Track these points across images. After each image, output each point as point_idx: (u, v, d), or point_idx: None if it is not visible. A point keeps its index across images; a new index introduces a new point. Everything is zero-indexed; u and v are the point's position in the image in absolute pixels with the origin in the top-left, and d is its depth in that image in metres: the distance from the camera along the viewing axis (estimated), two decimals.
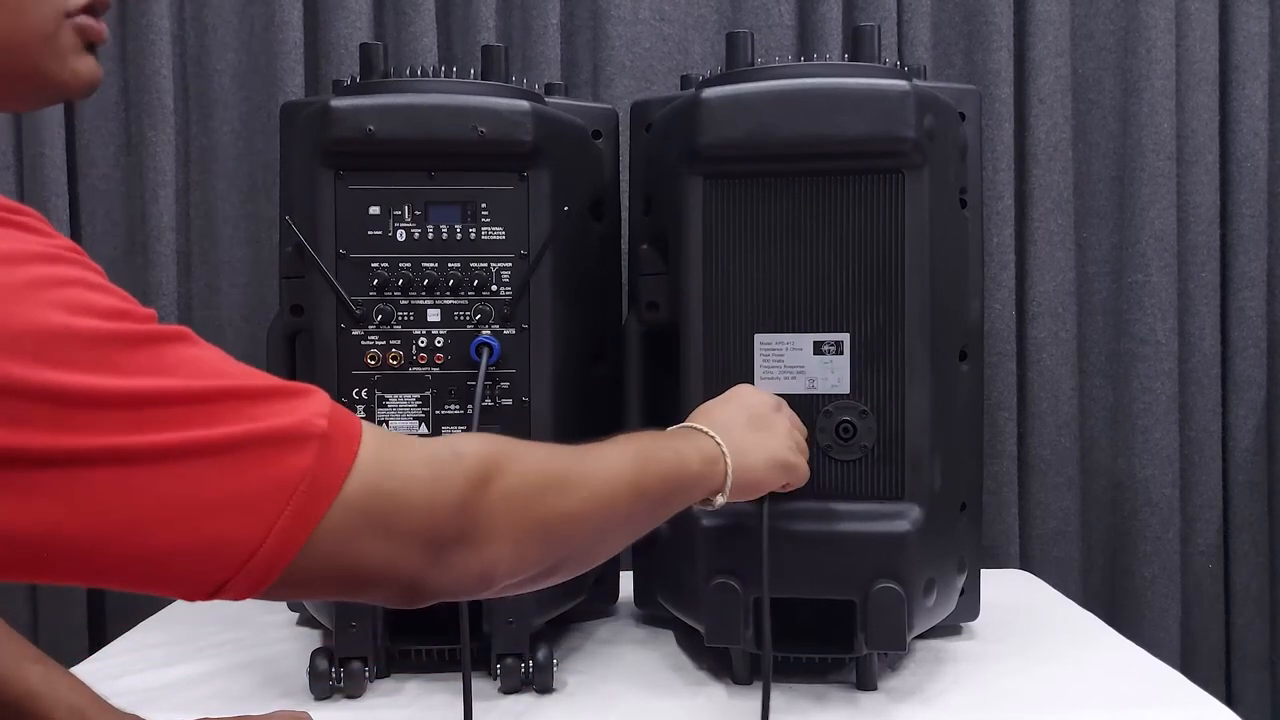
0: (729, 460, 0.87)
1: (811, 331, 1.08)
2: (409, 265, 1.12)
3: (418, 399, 1.12)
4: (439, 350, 1.12)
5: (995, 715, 1.06)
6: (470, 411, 1.09)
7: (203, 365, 0.56)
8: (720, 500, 0.88)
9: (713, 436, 0.88)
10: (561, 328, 1.15)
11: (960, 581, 1.18)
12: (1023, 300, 1.70)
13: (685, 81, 1.30)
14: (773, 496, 1.07)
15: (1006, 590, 1.44)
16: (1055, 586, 1.50)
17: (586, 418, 1.21)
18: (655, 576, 1.24)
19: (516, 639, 1.09)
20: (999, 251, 1.66)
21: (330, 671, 1.08)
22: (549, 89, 1.29)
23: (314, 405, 0.59)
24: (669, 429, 0.89)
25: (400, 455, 0.62)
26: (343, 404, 1.10)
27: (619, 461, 0.76)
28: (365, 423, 0.62)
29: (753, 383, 1.09)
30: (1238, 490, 1.75)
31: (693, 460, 0.84)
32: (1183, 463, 1.72)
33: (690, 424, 0.90)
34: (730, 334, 1.09)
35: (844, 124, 1.06)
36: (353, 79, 1.19)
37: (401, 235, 1.12)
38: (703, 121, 1.07)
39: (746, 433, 0.91)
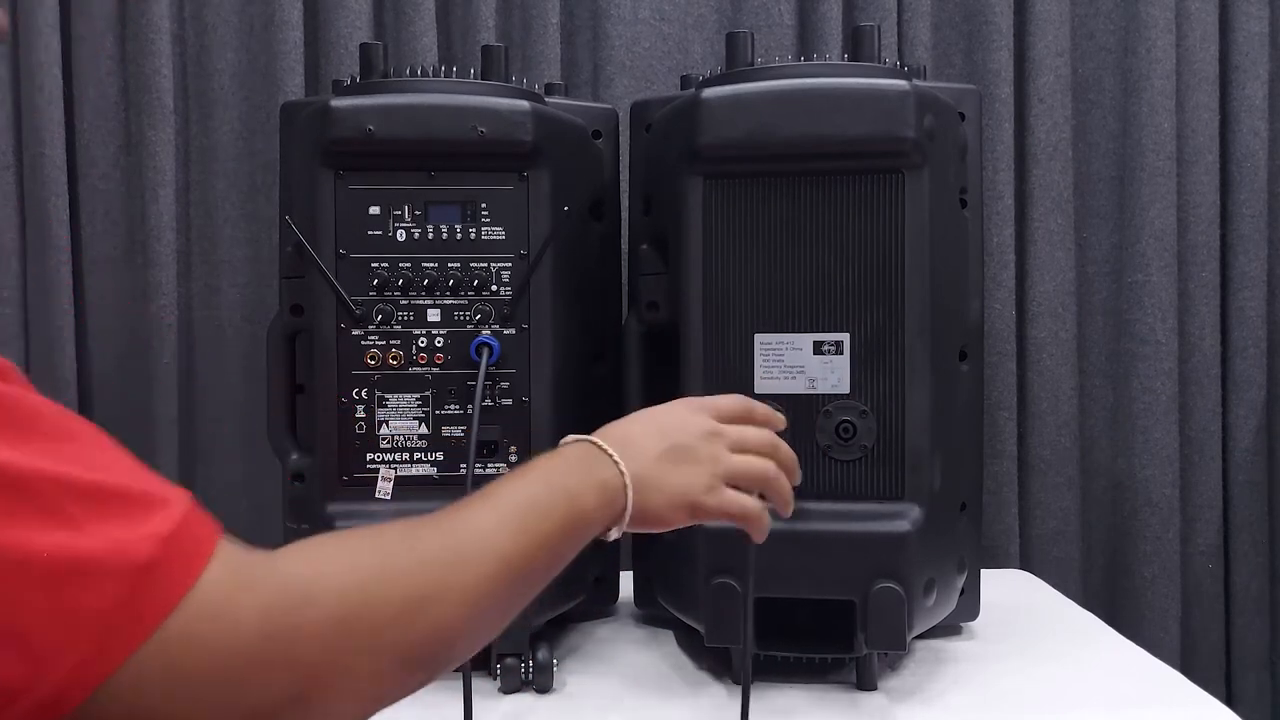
0: (630, 494, 0.76)
1: (811, 331, 1.08)
2: (409, 265, 1.12)
3: (418, 399, 1.12)
4: (439, 350, 1.12)
5: (995, 715, 1.06)
6: (470, 411, 1.09)
7: (63, 454, 0.49)
8: (614, 534, 0.78)
9: (617, 464, 0.76)
10: (561, 328, 1.15)
11: (960, 581, 1.18)
12: (1023, 300, 1.70)
13: (685, 81, 1.30)
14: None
15: (1006, 590, 1.44)
16: (1055, 586, 1.50)
17: (586, 418, 1.21)
18: (655, 576, 1.24)
19: (516, 639, 1.09)
20: (999, 251, 1.66)
21: None
22: (549, 89, 1.29)
23: (152, 522, 0.50)
24: (570, 447, 0.77)
25: (239, 600, 0.53)
26: (343, 404, 1.11)
27: (494, 539, 0.65)
28: (224, 545, 0.54)
29: (753, 382, 1.08)
30: (1238, 490, 1.75)
31: (587, 499, 0.73)
32: (1183, 463, 1.72)
33: (598, 441, 0.78)
34: (730, 334, 1.09)
35: (844, 124, 1.06)
36: (353, 79, 1.19)
37: (401, 235, 1.12)
38: (703, 121, 1.07)
39: (660, 463, 0.79)
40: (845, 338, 1.08)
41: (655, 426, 0.81)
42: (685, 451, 0.80)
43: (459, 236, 1.13)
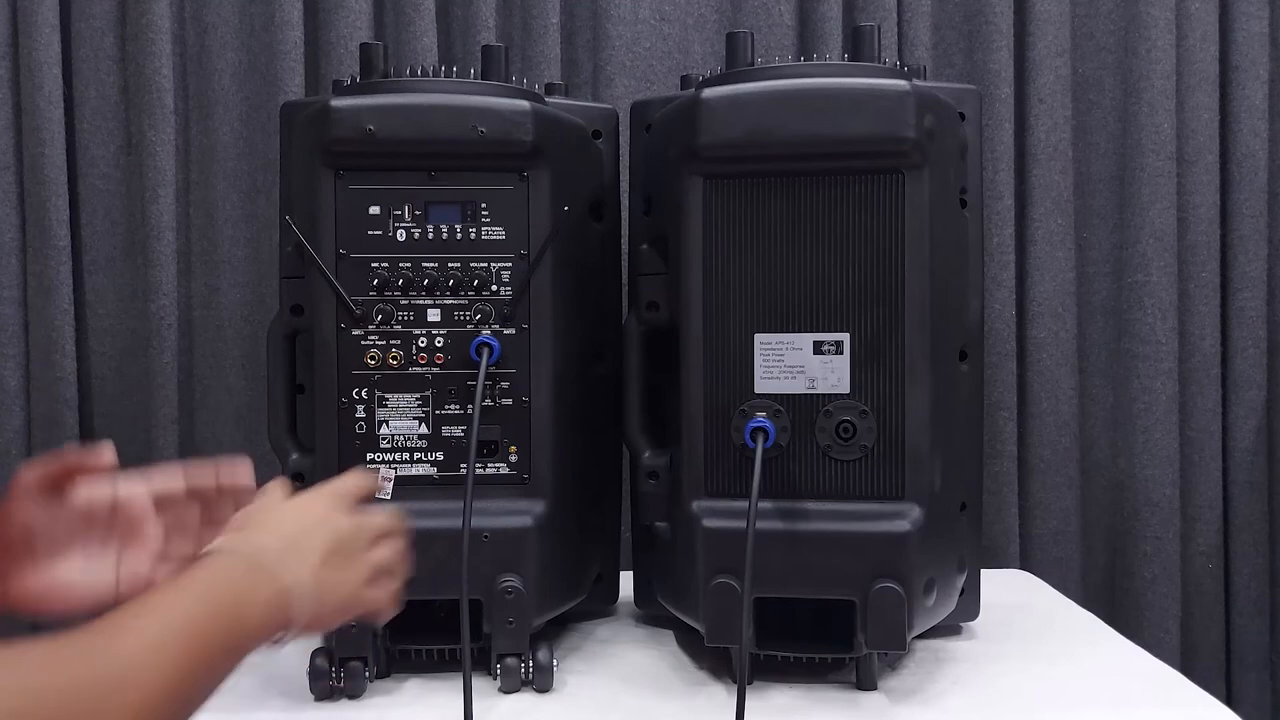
0: (298, 608, 0.72)
1: (811, 331, 1.08)
2: (409, 265, 1.12)
3: (418, 399, 1.12)
4: (439, 350, 1.12)
5: (995, 715, 1.06)
6: (470, 411, 1.09)
7: None
8: (286, 641, 0.74)
9: (283, 579, 0.72)
10: (561, 328, 1.15)
11: (960, 581, 1.18)
12: (1023, 300, 1.70)
13: (685, 81, 1.30)
14: (775, 496, 1.07)
15: (1006, 590, 1.44)
16: (1055, 586, 1.50)
17: (586, 418, 1.21)
18: (655, 576, 1.24)
19: (516, 639, 1.09)
20: (999, 251, 1.66)
21: (330, 671, 1.08)
22: (549, 89, 1.29)
23: None
24: (230, 559, 0.72)
25: None
26: (343, 404, 1.11)
27: (153, 663, 0.60)
28: None
29: (753, 382, 1.08)
30: (1238, 490, 1.75)
31: (254, 617, 0.69)
32: (1183, 463, 1.72)
33: (251, 555, 0.72)
34: (730, 334, 1.09)
35: (844, 124, 1.06)
36: (353, 79, 1.19)
37: (401, 235, 1.12)
38: (703, 121, 1.07)
39: (326, 569, 0.75)
40: (845, 338, 1.08)
41: (312, 525, 0.78)
42: (343, 551, 0.78)
43: (459, 236, 1.13)
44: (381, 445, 1.12)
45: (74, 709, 0.55)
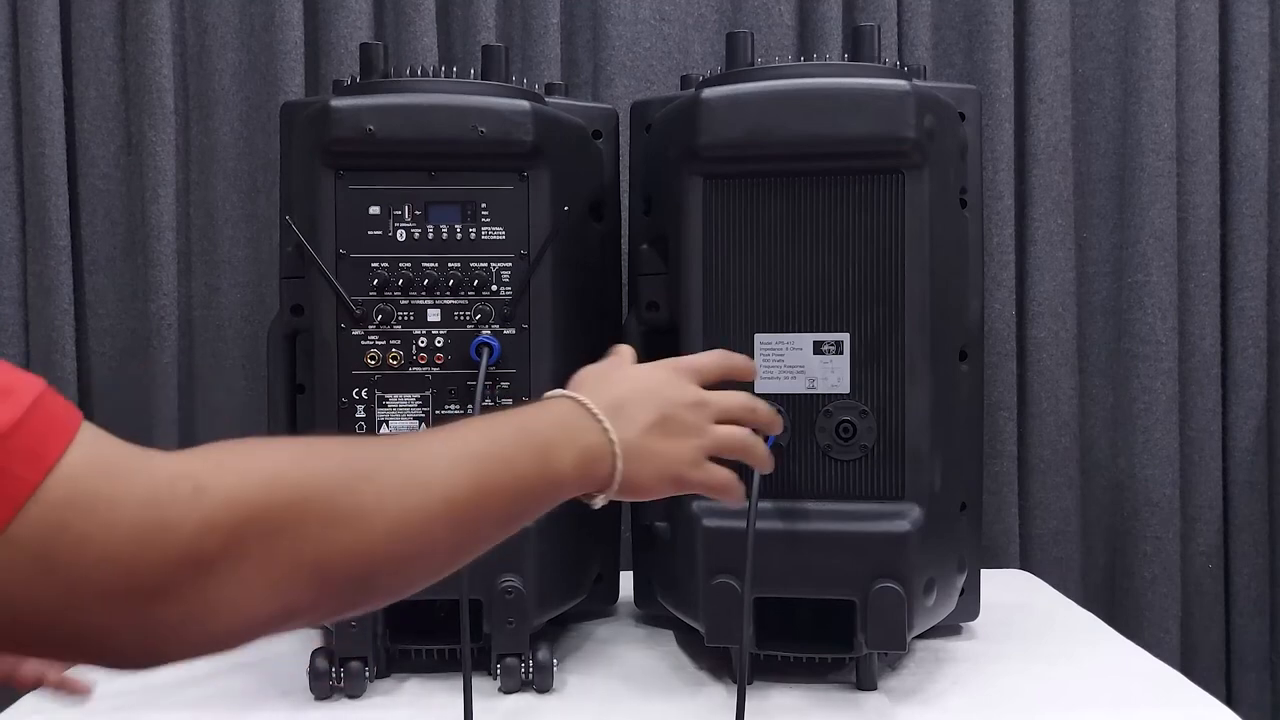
0: (619, 465, 0.72)
1: (811, 331, 1.08)
2: (409, 265, 1.12)
3: (418, 399, 1.12)
4: (439, 350, 1.12)
5: (995, 715, 1.06)
6: (470, 411, 1.09)
7: None
8: (600, 501, 0.75)
9: (608, 431, 0.72)
10: (561, 328, 1.15)
11: (960, 581, 1.18)
12: (1023, 300, 1.70)
13: (685, 81, 1.30)
14: (775, 496, 1.07)
15: (1006, 590, 1.44)
16: (1055, 586, 1.50)
17: None
18: (655, 576, 1.24)
19: (516, 639, 1.09)
20: (999, 251, 1.66)
21: (330, 671, 1.08)
22: (549, 89, 1.29)
23: (3, 405, 0.47)
24: (557, 402, 0.73)
25: (110, 490, 0.49)
26: (343, 405, 1.11)
27: (443, 476, 0.60)
28: (87, 429, 0.50)
29: (752, 382, 1.08)
30: (1238, 490, 1.75)
31: (564, 461, 0.68)
32: (1183, 463, 1.72)
33: (588, 403, 0.73)
34: (730, 334, 1.09)
35: (844, 124, 1.06)
36: (353, 79, 1.19)
37: (401, 235, 1.12)
38: (703, 121, 1.07)
39: (651, 435, 0.75)
40: (845, 338, 1.08)
41: (645, 392, 0.77)
42: (674, 423, 0.77)
43: (459, 236, 1.13)
44: None
45: (351, 495, 0.56)
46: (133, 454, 0.52)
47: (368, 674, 1.10)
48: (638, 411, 0.75)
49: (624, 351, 0.83)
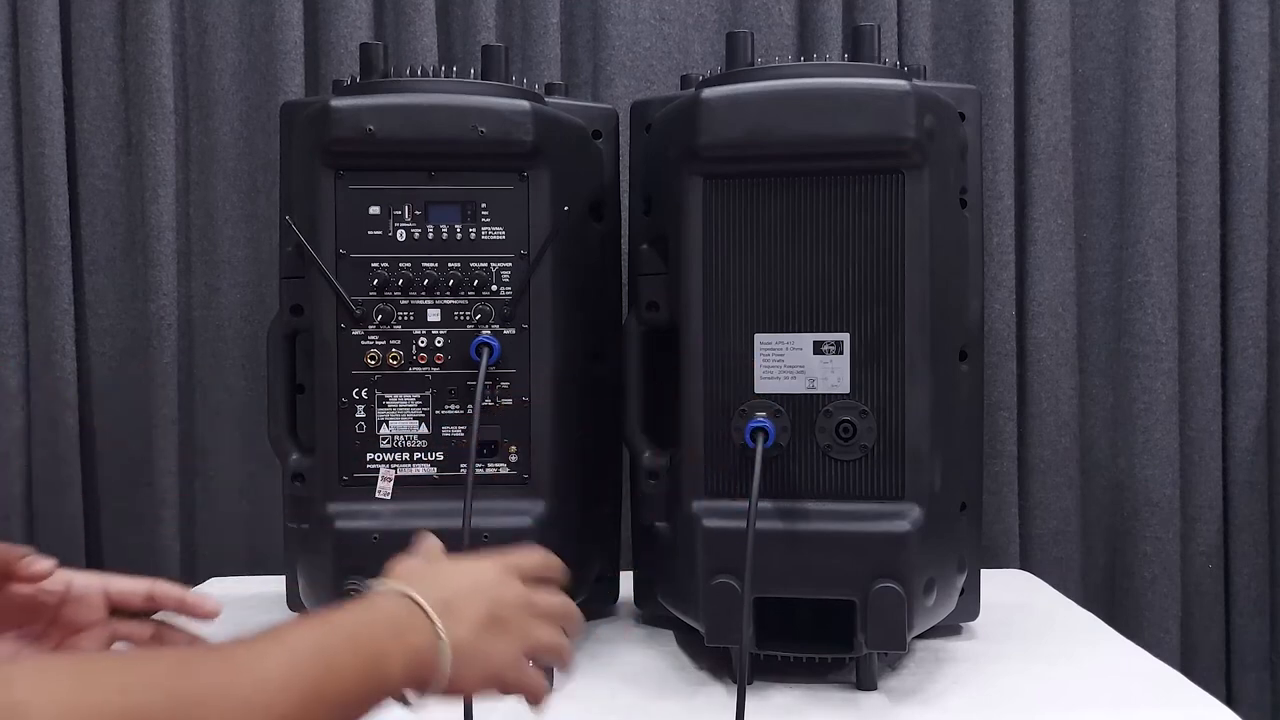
0: (448, 670, 0.68)
1: (811, 331, 1.08)
2: (409, 265, 1.12)
3: (418, 399, 1.12)
4: (439, 350, 1.12)
5: (995, 715, 1.06)
6: (470, 411, 1.09)
7: None
8: (413, 700, 0.70)
9: (438, 632, 0.68)
10: (561, 328, 1.15)
11: (960, 581, 1.18)
12: (1023, 300, 1.70)
13: (685, 81, 1.30)
14: (775, 496, 1.07)
15: (1006, 590, 1.44)
16: (1055, 586, 1.50)
17: (586, 418, 1.21)
18: (655, 576, 1.24)
19: None
20: (999, 251, 1.66)
21: None
22: (549, 89, 1.29)
23: None
24: (386, 600, 0.69)
25: None
26: (343, 405, 1.11)
27: (277, 694, 0.58)
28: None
29: (753, 382, 1.08)
30: (1238, 490, 1.75)
31: (395, 668, 0.65)
32: (1183, 463, 1.72)
33: (419, 600, 0.69)
34: (730, 334, 1.09)
35: (844, 124, 1.06)
36: (353, 79, 1.19)
37: (401, 235, 1.12)
38: (703, 121, 1.07)
39: (480, 634, 0.71)
40: (845, 338, 1.08)
41: (474, 589, 0.74)
42: (501, 623, 0.73)
43: (459, 236, 1.13)
44: (381, 445, 1.12)
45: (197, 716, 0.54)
46: None
47: None
48: (468, 609, 0.72)
49: (434, 544, 0.80)
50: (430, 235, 1.12)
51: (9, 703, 0.49)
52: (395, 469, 1.12)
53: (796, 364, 1.08)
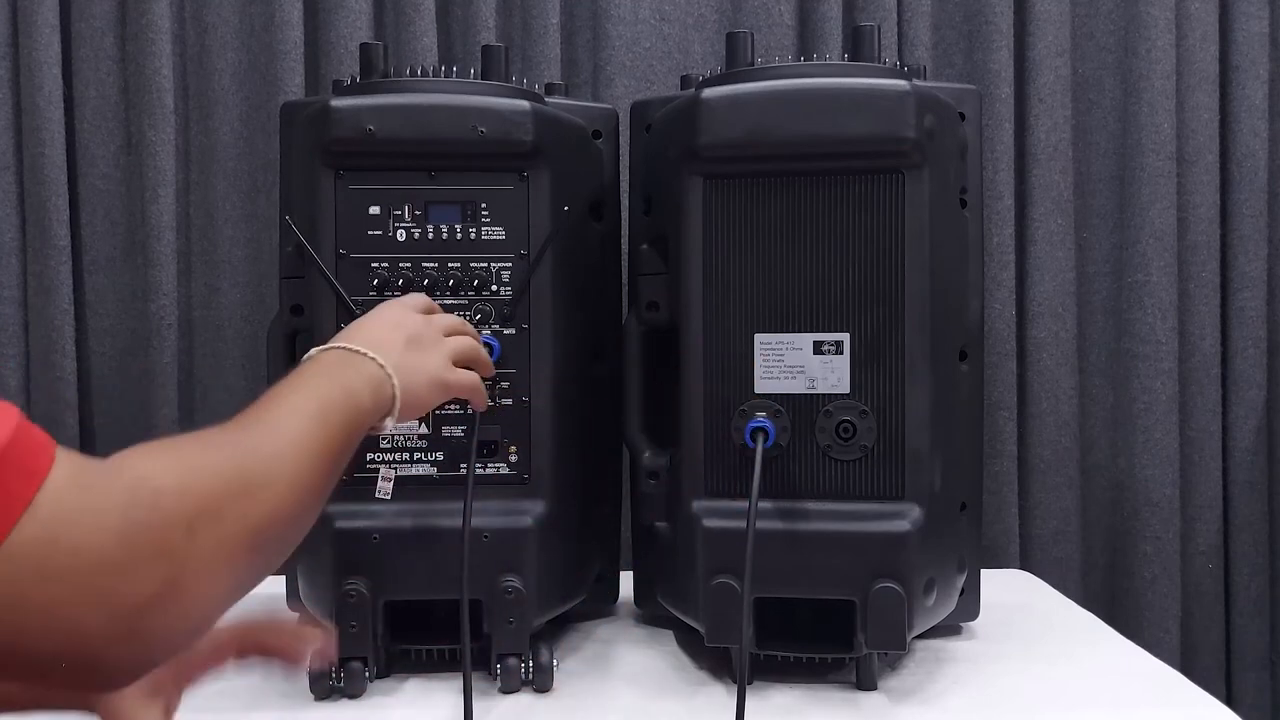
0: (396, 384, 0.84)
1: (811, 331, 1.08)
2: (409, 265, 1.12)
3: None
4: None
5: (995, 715, 1.06)
6: (470, 411, 1.09)
7: None
8: (389, 424, 0.85)
9: (377, 360, 0.84)
10: (561, 328, 1.15)
11: (960, 581, 1.18)
12: (1023, 300, 1.70)
13: (685, 81, 1.30)
14: (775, 496, 1.07)
15: (1006, 590, 1.44)
16: (1055, 586, 1.50)
17: (586, 417, 1.21)
18: (655, 576, 1.24)
19: (516, 639, 1.09)
20: (999, 251, 1.66)
21: (330, 671, 1.08)
22: (549, 89, 1.29)
23: None
24: (326, 351, 0.84)
25: (92, 502, 0.54)
26: None
27: (303, 430, 0.71)
28: (61, 452, 0.54)
29: (753, 382, 1.09)
30: (1238, 490, 1.75)
31: (363, 394, 0.81)
32: (1183, 463, 1.72)
33: (347, 345, 0.85)
34: (730, 334, 1.09)
35: (844, 124, 1.06)
36: (353, 79, 1.19)
37: (401, 235, 1.12)
38: (702, 121, 1.07)
39: (406, 353, 0.88)
40: (845, 338, 1.08)
41: (387, 324, 0.90)
42: (419, 340, 0.91)
43: (459, 236, 1.13)
44: (381, 445, 1.12)
45: (253, 469, 0.65)
46: (98, 467, 0.57)
47: (368, 674, 1.10)
48: (389, 338, 0.88)
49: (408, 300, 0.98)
50: (430, 235, 1.12)
51: (136, 475, 0.58)
52: (395, 469, 1.12)
53: (796, 364, 1.08)
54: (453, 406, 1.12)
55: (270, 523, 0.65)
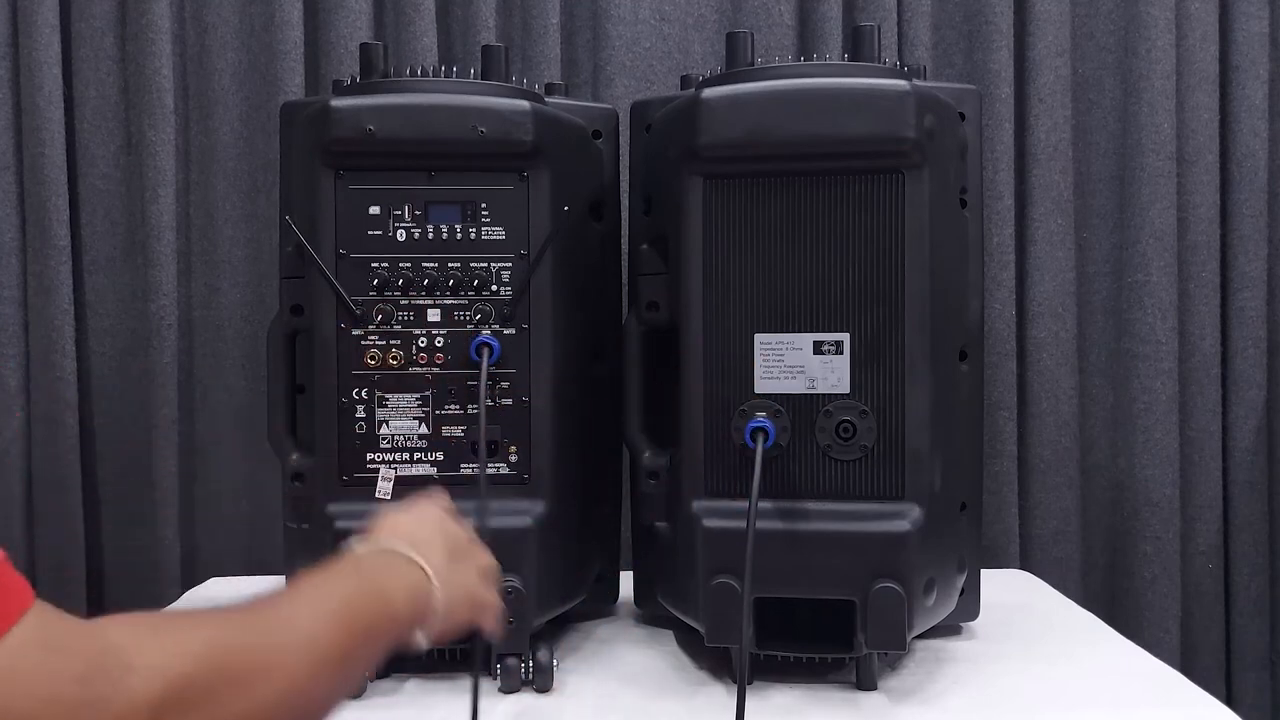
0: (438, 594, 0.77)
1: (811, 331, 1.08)
2: (409, 265, 1.12)
3: (418, 399, 1.12)
4: (439, 350, 1.12)
5: (995, 715, 1.06)
6: (470, 411, 1.09)
7: None
8: (420, 640, 0.77)
9: (421, 566, 0.77)
10: (561, 328, 1.15)
11: (960, 581, 1.18)
12: (1023, 300, 1.70)
13: (685, 81, 1.30)
14: (775, 496, 1.07)
15: (1006, 590, 1.44)
16: (1055, 586, 1.50)
17: (586, 418, 1.21)
18: (655, 576, 1.24)
19: (516, 639, 1.09)
20: (999, 251, 1.66)
21: None
22: (549, 89, 1.29)
23: None
24: (371, 551, 0.78)
25: (50, 666, 0.51)
26: (343, 404, 1.11)
27: (318, 629, 0.66)
28: (39, 607, 0.52)
29: (753, 382, 1.09)
30: (1238, 490, 1.75)
31: (400, 601, 0.74)
32: (1183, 463, 1.72)
33: (391, 546, 0.78)
34: (730, 334, 1.09)
35: (844, 124, 1.06)
36: (353, 79, 1.19)
37: (401, 235, 1.12)
38: (703, 121, 1.07)
39: (449, 563, 0.80)
40: (845, 338, 1.08)
41: (432, 527, 0.83)
42: (463, 550, 0.84)
43: (459, 236, 1.13)
44: (381, 445, 1.12)
45: (248, 659, 0.60)
46: (72, 629, 0.54)
47: (367, 674, 1.10)
48: (433, 545, 0.80)
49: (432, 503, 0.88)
50: (430, 235, 1.12)
51: (109, 644, 0.54)
52: (395, 469, 1.12)
53: (796, 364, 1.08)
54: (452, 406, 1.12)
55: (257, 716, 0.60)
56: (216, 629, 0.61)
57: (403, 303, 1.12)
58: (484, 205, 1.13)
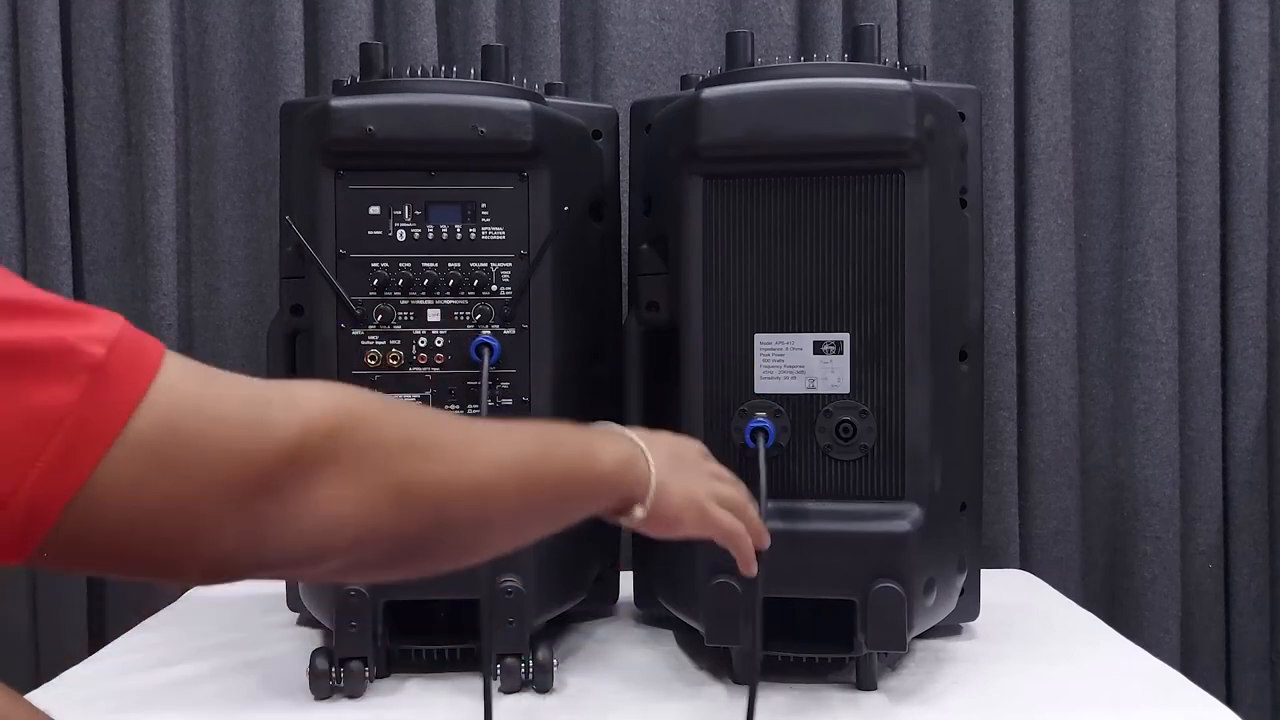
0: (654, 472, 0.77)
1: (811, 331, 1.08)
2: (409, 265, 1.12)
3: (418, 399, 1.12)
4: (439, 350, 1.12)
5: (995, 715, 1.06)
6: (470, 411, 1.09)
7: None
8: (639, 513, 0.77)
9: (634, 440, 0.78)
10: (561, 328, 1.15)
11: (960, 581, 1.18)
12: (1023, 300, 1.70)
13: (685, 81, 1.30)
14: (775, 496, 1.07)
15: (1006, 590, 1.44)
16: (1055, 586, 1.50)
17: (586, 418, 1.21)
18: (655, 576, 1.24)
19: (516, 639, 1.09)
20: (999, 251, 1.66)
21: (330, 671, 1.08)
22: (549, 89, 1.29)
23: (94, 328, 0.49)
24: (600, 425, 0.81)
25: (212, 392, 0.52)
26: None
27: (511, 441, 0.66)
28: (172, 354, 0.52)
29: (753, 382, 1.09)
30: (1238, 490, 1.75)
31: (605, 459, 0.74)
32: (1183, 463, 1.72)
33: (625, 431, 0.80)
34: (730, 334, 1.09)
35: (844, 124, 1.06)
36: (353, 79, 1.19)
37: (401, 235, 1.12)
38: (702, 121, 1.07)
39: (672, 465, 0.80)
40: (845, 338, 1.08)
41: (661, 436, 0.83)
42: (689, 464, 0.84)
43: (459, 236, 1.13)
44: None
45: (439, 437, 0.60)
46: (219, 371, 0.55)
47: (368, 674, 1.10)
48: (660, 444, 0.81)
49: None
50: (430, 235, 1.12)
51: (279, 384, 0.55)
52: None
53: (796, 364, 1.08)
54: (452, 406, 1.12)
55: (433, 487, 0.59)
56: (415, 410, 0.64)
57: (403, 303, 1.12)
58: (484, 205, 1.13)
